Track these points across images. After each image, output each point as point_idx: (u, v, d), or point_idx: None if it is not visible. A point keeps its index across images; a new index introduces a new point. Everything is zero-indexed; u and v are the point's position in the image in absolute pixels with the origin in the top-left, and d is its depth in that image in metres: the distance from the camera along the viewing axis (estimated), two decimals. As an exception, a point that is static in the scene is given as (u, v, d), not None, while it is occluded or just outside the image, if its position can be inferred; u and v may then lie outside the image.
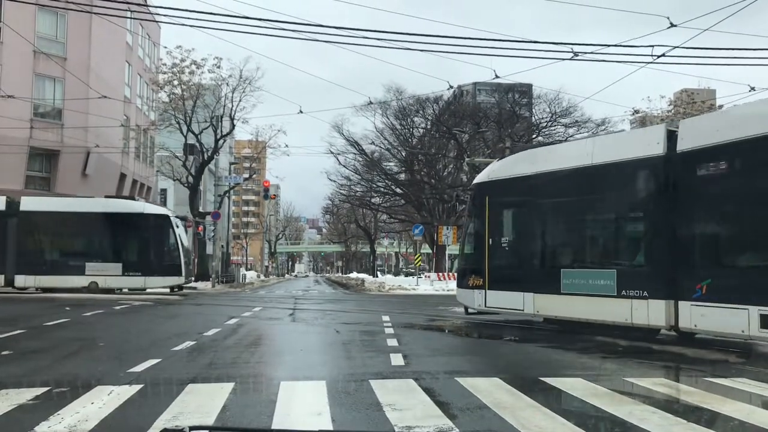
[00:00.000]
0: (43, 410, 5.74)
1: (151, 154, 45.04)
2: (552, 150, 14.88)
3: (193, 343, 10.56)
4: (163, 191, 52.12)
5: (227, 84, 37.52)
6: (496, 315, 14.73)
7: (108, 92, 29.75)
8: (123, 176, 38.47)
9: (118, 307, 17.93)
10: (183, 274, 25.19)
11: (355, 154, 51.49)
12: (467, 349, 11.49)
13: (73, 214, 24.60)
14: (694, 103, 43.91)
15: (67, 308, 17.23)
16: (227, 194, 46.39)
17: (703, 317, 10.21)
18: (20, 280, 24.03)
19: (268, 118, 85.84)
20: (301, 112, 26.69)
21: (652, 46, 14.33)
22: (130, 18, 32.95)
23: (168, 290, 25.28)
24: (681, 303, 10.62)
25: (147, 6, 32.76)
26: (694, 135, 10.74)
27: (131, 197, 32.24)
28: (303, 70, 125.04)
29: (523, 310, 13.57)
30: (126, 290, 24.31)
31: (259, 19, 13.77)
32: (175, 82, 36.07)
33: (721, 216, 10.48)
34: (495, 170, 15.12)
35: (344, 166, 52.51)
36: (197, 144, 37.21)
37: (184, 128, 36.52)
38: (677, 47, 14.60)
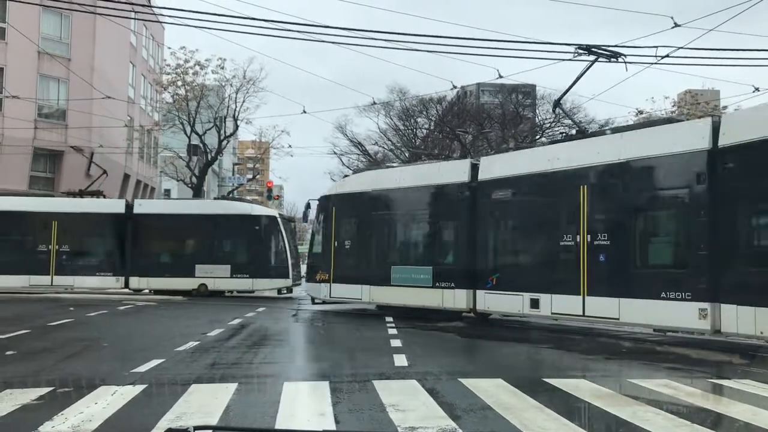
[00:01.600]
0: (47, 410, 5.76)
1: (154, 154, 45.11)
2: (379, 173, 18.57)
3: (197, 343, 10.57)
4: (167, 191, 52.17)
5: (231, 85, 37.54)
6: (341, 304, 17.94)
7: (112, 93, 29.79)
8: (127, 177, 38.53)
9: (121, 308, 17.96)
10: (290, 276, 23.99)
11: (358, 154, 51.46)
12: (470, 350, 11.49)
13: (184, 216, 24.36)
14: (698, 104, 43.83)
15: (71, 308, 17.26)
16: (231, 195, 46.46)
17: (493, 301, 14.14)
18: (134, 281, 23.67)
19: (272, 119, 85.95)
20: (304, 112, 26.66)
21: (656, 46, 14.25)
22: (134, 19, 32.99)
23: (275, 293, 24.14)
24: (478, 291, 14.44)
25: (151, 7, 32.83)
26: (488, 167, 14.83)
27: (240, 199, 30.83)
28: (306, 71, 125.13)
29: (361, 299, 16.90)
30: (235, 292, 23.71)
31: (264, 20, 13.80)
32: (179, 83, 36.11)
33: (501, 228, 14.71)
34: (340, 186, 19.40)
35: (348, 167, 52.41)
36: (201, 144, 37.27)
37: (188, 129, 36.57)
38: (681, 48, 14.57)
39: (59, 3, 22.77)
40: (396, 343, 10.90)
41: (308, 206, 20.41)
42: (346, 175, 25.90)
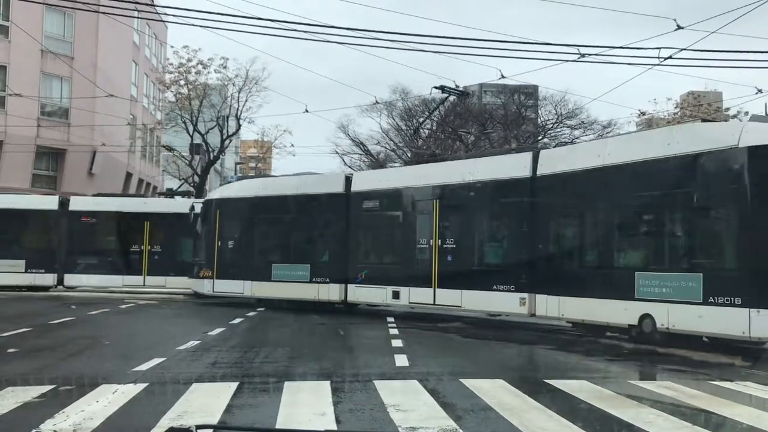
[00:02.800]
0: (48, 408, 5.76)
1: (157, 153, 45.14)
2: (263, 180, 20.79)
3: (198, 342, 10.58)
4: (169, 190, 52.22)
5: (233, 84, 37.53)
6: (222, 297, 19.14)
7: (115, 91, 29.81)
8: (129, 175, 38.57)
9: (123, 306, 17.97)
10: None
11: (360, 154, 51.41)
12: (471, 351, 11.46)
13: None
14: (701, 105, 43.79)
15: (73, 306, 17.28)
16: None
17: (362, 293, 16.50)
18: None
19: (274, 118, 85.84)
20: (306, 111, 26.64)
21: (659, 48, 14.21)
22: (138, 18, 33.02)
23: None
24: (349, 285, 16.58)
25: (154, 6, 32.84)
26: (359, 181, 17.43)
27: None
28: (309, 70, 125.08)
29: (242, 294, 18.50)
30: None
31: (267, 20, 13.76)
32: (182, 82, 36.10)
33: (369, 232, 17.09)
34: (225, 190, 20.96)
35: (350, 166, 52.39)
36: (203, 144, 37.26)
37: (190, 128, 36.59)
38: (684, 49, 14.53)
39: (63, 1, 22.79)
40: (397, 343, 10.90)
41: (192, 208, 20.80)
42: (228, 181, 28.22)
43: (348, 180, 17.42)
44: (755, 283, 9.64)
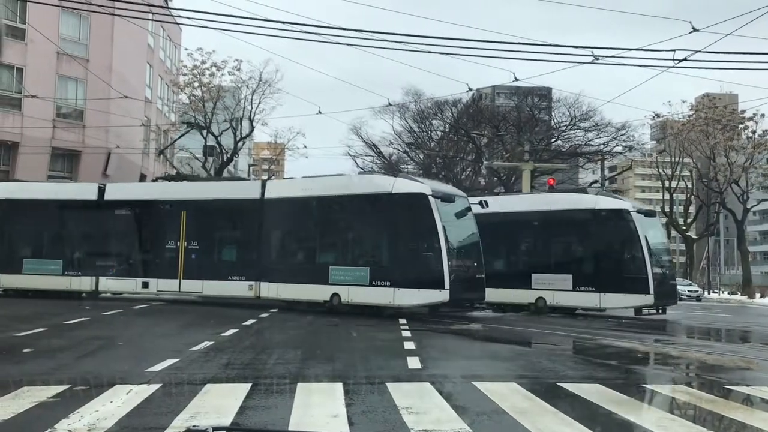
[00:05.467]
0: (63, 408, 5.80)
1: (170, 155, 45.39)
2: (21, 185, 22.92)
3: (211, 343, 10.61)
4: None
5: (247, 86, 37.72)
6: None
7: (129, 93, 30.03)
8: (143, 177, 38.82)
9: (136, 307, 18.07)
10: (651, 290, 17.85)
11: (373, 156, 51.52)
12: (484, 353, 11.42)
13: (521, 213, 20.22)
14: (716, 108, 43.40)
15: (87, 307, 17.40)
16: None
17: (112, 285, 20.25)
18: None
19: (288, 119, 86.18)
20: (320, 113, 26.77)
21: (674, 50, 14.14)
22: (152, 20, 33.23)
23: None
24: (101, 278, 20.14)
25: (168, 8, 33.03)
26: (111, 192, 21.09)
27: (582, 189, 24.75)
28: (322, 72, 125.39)
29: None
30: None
31: (281, 22, 13.83)
32: (196, 84, 36.33)
33: (123, 233, 20.46)
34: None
35: (362, 168, 52.52)
36: (217, 145, 37.43)
37: (204, 130, 36.76)
38: (699, 51, 14.44)
39: (78, 4, 22.97)
40: (409, 345, 10.87)
41: None
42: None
43: (101, 189, 21.02)
44: (399, 274, 16.11)
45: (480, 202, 19.54)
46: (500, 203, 21.35)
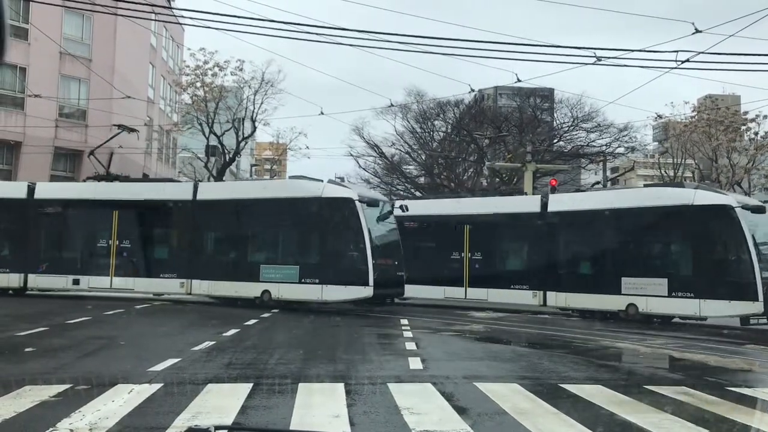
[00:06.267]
0: (65, 407, 5.81)
1: (173, 155, 45.42)
2: None
3: (213, 343, 10.61)
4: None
5: (249, 86, 37.70)
6: None
7: (132, 93, 30.02)
8: (146, 177, 38.87)
9: (138, 307, 18.08)
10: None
11: (375, 157, 51.41)
12: (486, 354, 11.41)
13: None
14: (719, 109, 43.35)
15: (89, 307, 17.39)
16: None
17: (42, 281, 20.05)
18: (551, 297, 18.59)
19: (290, 120, 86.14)
20: (322, 113, 26.78)
21: (677, 51, 14.13)
22: (155, 20, 33.25)
23: None
24: (30, 275, 19.92)
25: (171, 8, 33.06)
26: (41, 191, 21.17)
27: (679, 184, 22.22)
28: (324, 72, 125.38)
29: None
30: None
31: (283, 22, 13.85)
32: (198, 84, 36.32)
33: (49, 231, 20.88)
34: None
35: (364, 169, 52.47)
36: (219, 146, 37.43)
37: (206, 130, 36.78)
38: (702, 52, 14.43)
39: (81, 4, 23.02)
40: (411, 345, 10.87)
41: None
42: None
43: (31, 188, 20.91)
44: (327, 272, 16.90)
45: (543, 200, 18.96)
46: (577, 201, 19.43)
